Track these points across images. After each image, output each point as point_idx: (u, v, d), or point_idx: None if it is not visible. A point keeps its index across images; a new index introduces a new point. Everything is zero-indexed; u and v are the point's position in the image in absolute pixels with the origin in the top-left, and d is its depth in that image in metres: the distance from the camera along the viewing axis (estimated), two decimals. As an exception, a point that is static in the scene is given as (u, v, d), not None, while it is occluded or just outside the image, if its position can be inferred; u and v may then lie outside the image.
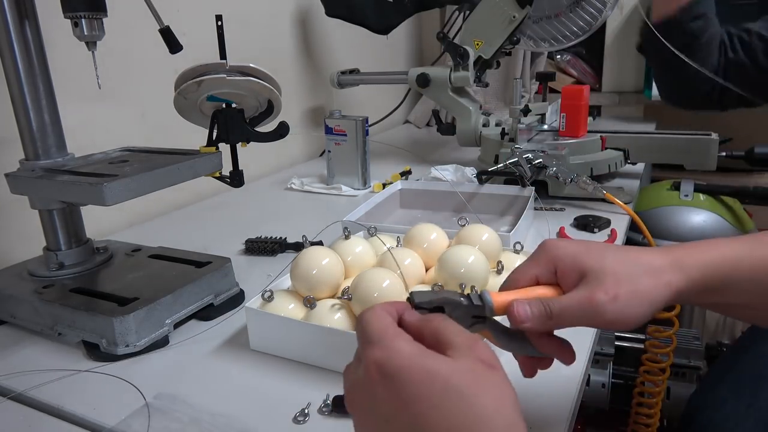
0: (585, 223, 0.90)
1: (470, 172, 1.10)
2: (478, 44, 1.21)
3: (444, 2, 1.37)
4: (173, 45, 0.67)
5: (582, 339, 0.58)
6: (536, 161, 0.99)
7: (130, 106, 1.02)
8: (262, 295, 0.58)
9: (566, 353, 0.42)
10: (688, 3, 1.09)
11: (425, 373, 0.30)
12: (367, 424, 0.32)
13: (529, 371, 0.44)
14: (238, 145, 0.74)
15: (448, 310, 0.38)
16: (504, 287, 0.43)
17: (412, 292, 0.39)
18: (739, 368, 0.80)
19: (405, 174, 1.22)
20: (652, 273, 0.39)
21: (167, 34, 0.66)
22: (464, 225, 0.71)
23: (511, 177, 1.00)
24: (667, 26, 1.10)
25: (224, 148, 0.72)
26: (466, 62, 1.22)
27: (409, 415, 0.29)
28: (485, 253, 0.63)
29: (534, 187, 0.94)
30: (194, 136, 0.76)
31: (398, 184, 1.03)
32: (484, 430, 0.28)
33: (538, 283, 0.42)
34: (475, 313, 0.39)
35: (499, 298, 0.40)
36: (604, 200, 0.93)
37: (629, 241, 1.02)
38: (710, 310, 0.43)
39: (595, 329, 0.60)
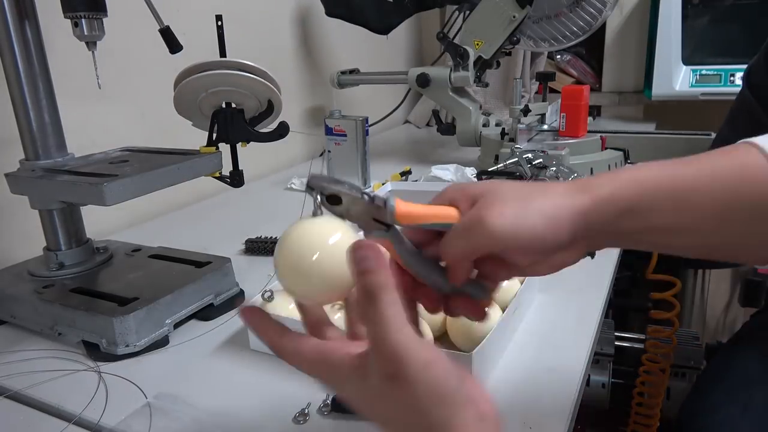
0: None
1: (470, 172, 1.10)
2: (478, 44, 1.21)
3: (444, 2, 1.37)
4: (173, 45, 0.67)
5: (582, 339, 0.58)
6: (536, 161, 0.99)
7: (130, 106, 1.02)
8: (262, 295, 0.58)
9: (481, 291, 0.39)
10: None
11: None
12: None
13: (448, 310, 0.40)
14: (238, 145, 0.74)
15: (346, 202, 0.35)
16: None
17: (311, 175, 0.36)
18: (731, 372, 0.80)
19: (405, 174, 1.21)
20: (548, 193, 0.36)
21: (167, 34, 0.67)
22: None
23: (511, 177, 1.00)
24: None
25: (224, 148, 0.72)
26: (466, 62, 1.22)
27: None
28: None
29: None
30: (194, 136, 0.76)
31: (388, 186, 1.03)
32: None
33: None
34: (376, 216, 0.36)
35: (404, 207, 0.36)
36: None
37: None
38: (633, 247, 0.38)
39: (595, 330, 0.60)
